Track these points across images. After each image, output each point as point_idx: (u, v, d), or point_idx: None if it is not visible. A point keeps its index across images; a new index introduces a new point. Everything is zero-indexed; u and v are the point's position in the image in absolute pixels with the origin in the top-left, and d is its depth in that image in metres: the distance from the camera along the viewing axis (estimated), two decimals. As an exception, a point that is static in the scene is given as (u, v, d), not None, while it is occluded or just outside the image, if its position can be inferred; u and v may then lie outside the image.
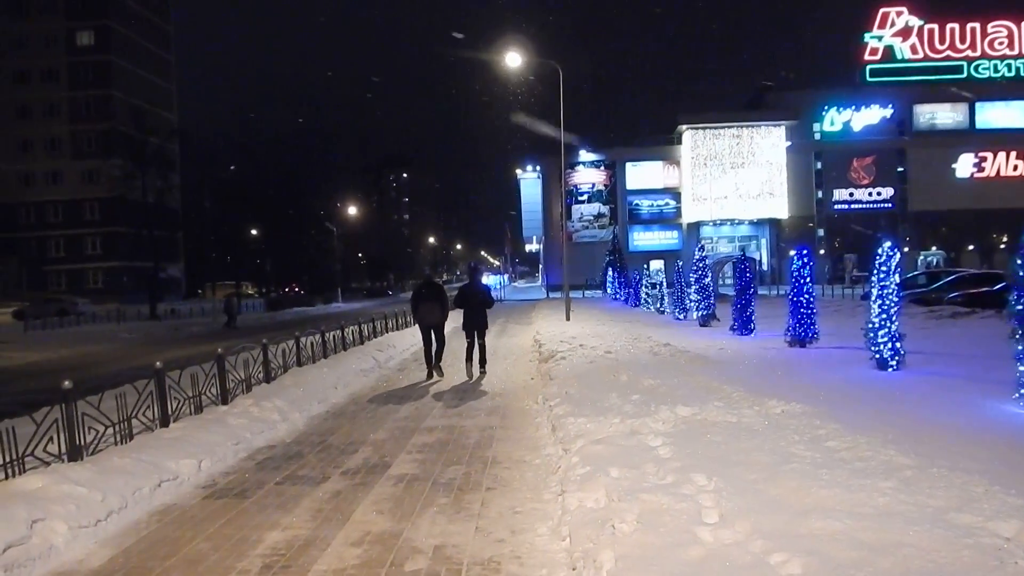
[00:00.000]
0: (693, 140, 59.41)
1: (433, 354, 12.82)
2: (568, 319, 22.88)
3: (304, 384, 10.81)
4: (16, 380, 16.35)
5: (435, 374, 12.84)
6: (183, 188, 68.86)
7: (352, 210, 75.24)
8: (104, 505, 5.48)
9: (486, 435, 8.12)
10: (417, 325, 13.19)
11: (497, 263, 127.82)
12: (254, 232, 67.28)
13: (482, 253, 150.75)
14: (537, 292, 59.01)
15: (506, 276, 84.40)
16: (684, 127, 59.52)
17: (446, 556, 4.65)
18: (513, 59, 25.91)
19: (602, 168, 61.47)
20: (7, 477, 5.62)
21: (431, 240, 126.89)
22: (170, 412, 7.87)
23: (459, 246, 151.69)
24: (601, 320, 22.68)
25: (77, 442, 6.29)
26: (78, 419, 6.34)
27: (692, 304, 21.47)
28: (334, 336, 14.60)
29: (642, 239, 61.93)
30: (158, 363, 7.82)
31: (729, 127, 59.13)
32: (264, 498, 6.06)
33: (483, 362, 13.13)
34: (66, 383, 6.30)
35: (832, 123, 60.25)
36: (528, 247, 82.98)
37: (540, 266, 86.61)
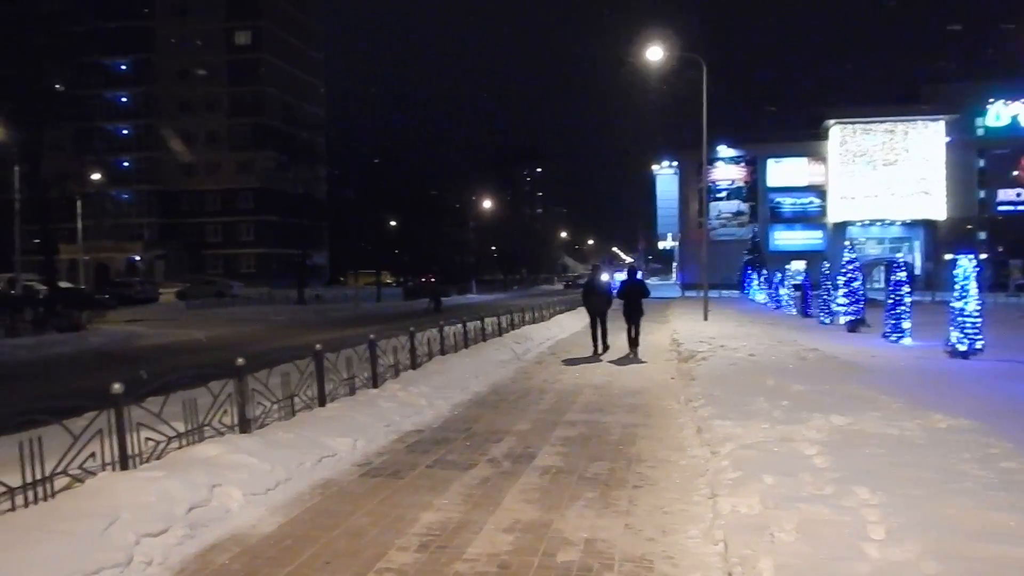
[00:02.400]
0: (841, 135, 56.76)
1: (599, 335, 15.32)
2: (706, 319, 22.42)
3: (447, 372, 11.12)
4: (184, 355, 17.67)
5: (600, 350, 15.19)
6: (328, 179, 72.02)
7: (486, 203, 76.45)
8: (272, 475, 5.85)
9: (628, 432, 8.10)
10: (585, 310, 16.06)
11: (629, 259, 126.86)
12: (393, 223, 69.48)
13: (614, 249, 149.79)
14: (670, 290, 58.07)
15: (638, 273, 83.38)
16: (832, 122, 56.93)
17: (597, 550, 4.68)
18: (654, 53, 25.54)
19: (742, 164, 59.75)
20: (189, 444, 6.08)
21: (562, 235, 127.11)
22: (326, 392, 8.29)
23: (590, 241, 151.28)
24: (741, 321, 22.10)
25: (247, 415, 6.74)
26: (248, 394, 6.80)
27: (839, 308, 20.57)
28: (474, 327, 14.91)
29: (783, 238, 59.76)
30: (318, 345, 8.24)
31: (881, 122, 56.09)
32: (417, 479, 6.29)
33: (636, 343, 15.24)
34: (239, 360, 6.76)
35: (998, 117, 55.88)
36: (662, 244, 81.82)
37: (674, 264, 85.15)
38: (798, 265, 49.94)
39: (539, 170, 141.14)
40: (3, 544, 3.88)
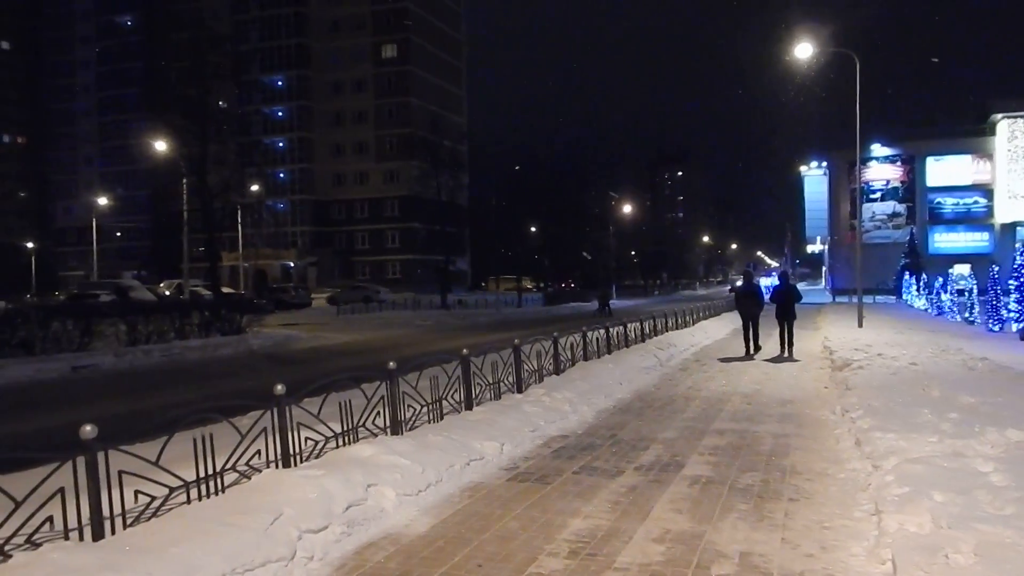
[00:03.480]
0: (1011, 131, 52.57)
1: (751, 336, 16.06)
2: (860, 325, 21.28)
3: (590, 378, 11.06)
4: (337, 357, 18.49)
5: (752, 351, 15.93)
6: (471, 187, 73.63)
7: (627, 208, 75.85)
8: (424, 477, 5.98)
9: (781, 443, 7.77)
10: (737, 312, 17.13)
11: (775, 264, 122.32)
12: (533, 229, 70.17)
13: (758, 254, 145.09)
14: (820, 296, 55.50)
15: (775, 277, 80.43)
16: (999, 116, 52.84)
17: (753, 564, 4.50)
18: (803, 50, 24.52)
19: (898, 163, 56.41)
20: (345, 444, 6.33)
21: (704, 239, 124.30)
22: (473, 396, 8.43)
23: (734, 246, 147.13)
24: (898, 328, 20.82)
25: (399, 417, 6.95)
26: (400, 397, 7.00)
27: (1011, 314, 19.01)
28: (616, 332, 14.79)
29: (944, 240, 55.94)
30: (465, 350, 8.39)
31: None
32: (564, 485, 6.27)
33: (791, 344, 15.83)
34: (391, 364, 6.97)
35: None
36: (810, 248, 78.44)
37: (823, 268, 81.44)
38: (961, 269, 46.56)
39: (680, 174, 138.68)
40: (183, 535, 4.15)
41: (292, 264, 73.58)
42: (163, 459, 4.69)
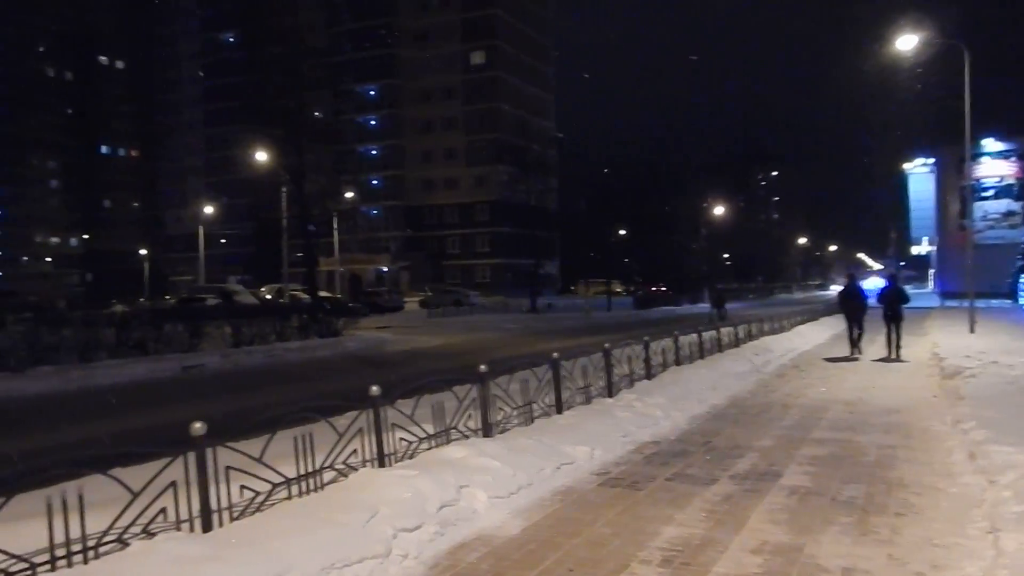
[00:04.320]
0: None
1: (855, 338, 16.37)
2: (972, 331, 20.21)
3: (683, 383, 10.88)
4: (428, 360, 18.78)
5: (856, 353, 16.21)
6: (560, 190, 73.61)
7: (718, 209, 74.39)
8: (515, 480, 5.99)
9: (886, 454, 7.44)
10: (843, 315, 17.53)
11: (878, 266, 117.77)
12: (622, 232, 69.63)
13: (859, 256, 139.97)
14: (927, 299, 53.06)
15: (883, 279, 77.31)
16: None
17: (857, 580, 4.32)
18: (906, 42, 23.50)
19: (1013, 159, 53.34)
20: (438, 445, 6.40)
21: (801, 241, 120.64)
22: (564, 400, 8.40)
23: (832, 248, 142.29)
24: (1015, 334, 19.67)
25: (490, 420, 6.99)
26: (490, 400, 7.05)
27: None
28: (710, 337, 14.51)
29: (1066, 241, 52.58)
30: (555, 354, 8.38)
31: None
32: (656, 492, 6.17)
33: (899, 347, 15.84)
34: (482, 367, 7.02)
35: None
36: (916, 249, 75.01)
37: (930, 271, 77.87)
38: (1087, 271, 43.66)
39: (774, 173, 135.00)
40: (284, 530, 4.28)
41: (385, 269, 75.14)
42: (266, 456, 4.88)
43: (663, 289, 61.64)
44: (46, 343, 16.24)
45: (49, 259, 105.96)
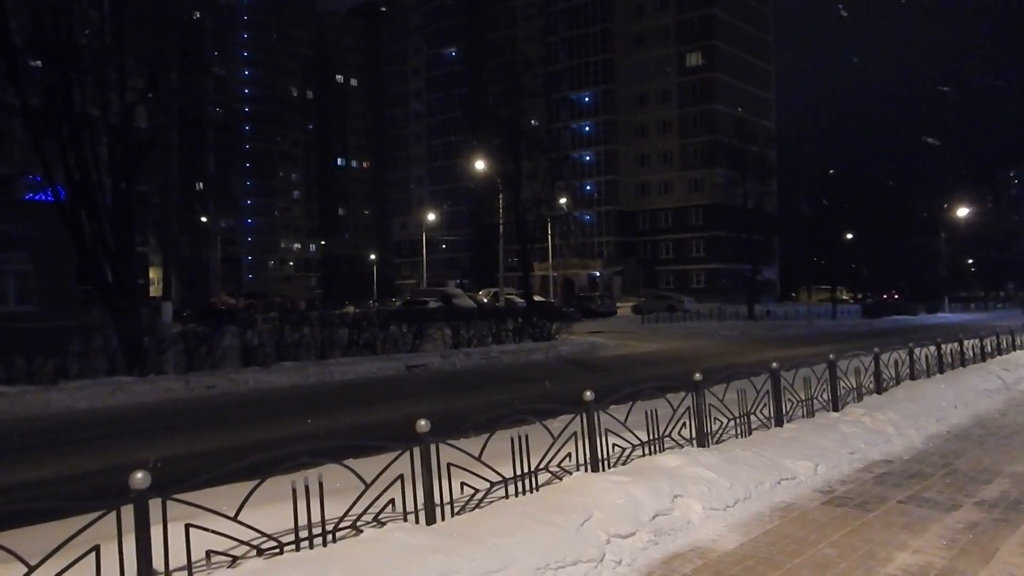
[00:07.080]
0: None
1: None
2: None
3: (918, 399, 10.01)
4: (641, 366, 18.71)
5: None
6: (779, 193, 70.45)
7: (961, 211, 67.82)
8: (731, 492, 5.81)
9: None
10: None
11: None
12: (849, 236, 65.38)
13: None
14: None
15: None
16: None
17: None
18: None
19: None
20: (651, 453, 6.36)
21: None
22: (784, 412, 8.04)
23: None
24: None
25: (705, 430, 6.83)
26: (706, 409, 6.89)
27: None
28: (951, 350, 13.27)
29: None
30: (774, 363, 8.03)
31: None
32: (887, 515, 5.74)
33: None
34: (696, 375, 6.88)
35: None
36: None
37: None
38: None
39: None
40: (502, 527, 4.44)
41: (598, 273, 75.59)
42: (484, 455, 5.08)
43: (895, 296, 57.24)
44: (289, 341, 17.95)
45: (291, 263, 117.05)
